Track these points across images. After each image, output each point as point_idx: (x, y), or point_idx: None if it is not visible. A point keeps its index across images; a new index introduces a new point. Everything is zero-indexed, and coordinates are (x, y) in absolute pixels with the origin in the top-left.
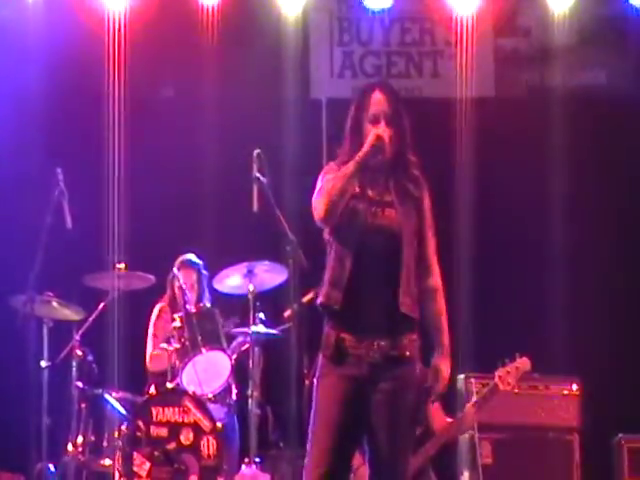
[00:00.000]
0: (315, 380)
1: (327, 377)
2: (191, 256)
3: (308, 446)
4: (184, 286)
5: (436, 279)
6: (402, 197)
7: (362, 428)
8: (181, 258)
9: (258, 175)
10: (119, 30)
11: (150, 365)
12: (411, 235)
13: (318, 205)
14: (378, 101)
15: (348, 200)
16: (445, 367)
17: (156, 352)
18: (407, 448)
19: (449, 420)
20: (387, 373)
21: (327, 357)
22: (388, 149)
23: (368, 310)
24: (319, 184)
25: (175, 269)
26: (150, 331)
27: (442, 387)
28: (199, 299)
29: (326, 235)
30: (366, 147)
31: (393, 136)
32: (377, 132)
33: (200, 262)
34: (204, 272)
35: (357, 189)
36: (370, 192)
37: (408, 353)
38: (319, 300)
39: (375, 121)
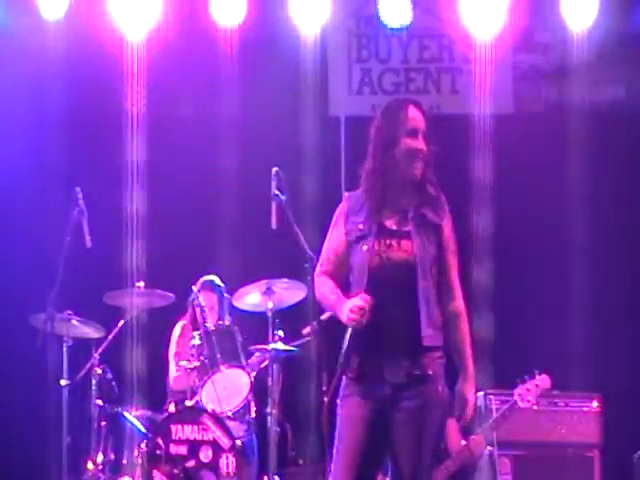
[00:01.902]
0: (339, 401)
1: (350, 398)
2: (213, 278)
3: (332, 466)
4: (203, 304)
5: (459, 304)
6: (420, 226)
7: (385, 448)
8: (203, 279)
9: (277, 192)
10: (138, 50)
11: (173, 384)
12: (428, 265)
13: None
14: (415, 117)
15: (361, 238)
16: (470, 393)
17: (179, 373)
18: (430, 467)
19: (463, 443)
20: (410, 392)
21: (350, 378)
22: (422, 171)
23: (393, 335)
24: (328, 236)
25: (195, 288)
26: (172, 349)
27: (469, 413)
28: (219, 319)
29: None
30: (346, 315)
31: (427, 154)
32: (356, 304)
33: (222, 285)
34: (226, 295)
35: (361, 227)
36: (387, 222)
37: (431, 372)
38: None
39: (414, 135)
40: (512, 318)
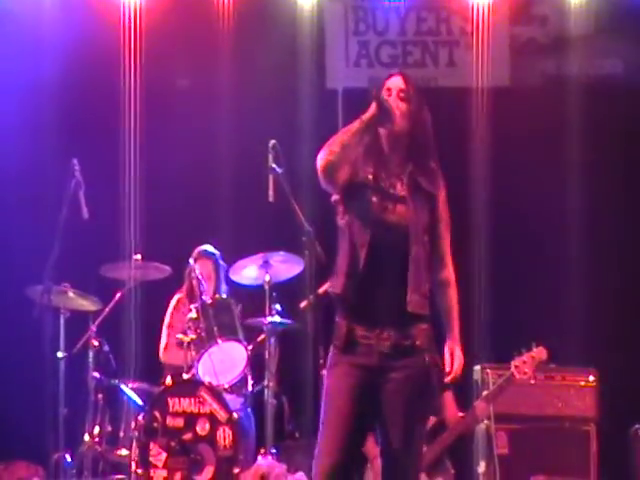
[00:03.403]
0: (325, 371)
1: (337, 367)
2: (208, 247)
3: (319, 436)
4: (200, 277)
5: (449, 272)
6: (414, 192)
7: (373, 418)
8: (198, 249)
9: (274, 166)
10: (135, 20)
11: (163, 357)
12: (421, 232)
13: (320, 158)
14: (394, 80)
15: (362, 188)
16: (458, 350)
17: (168, 345)
18: (420, 437)
19: (461, 414)
20: (397, 362)
21: (338, 347)
22: (399, 122)
23: (379, 303)
24: None
25: (192, 260)
26: (166, 321)
27: (459, 369)
28: (216, 289)
29: (339, 220)
30: (373, 108)
31: (406, 113)
32: (386, 97)
33: (217, 252)
34: (221, 263)
35: (371, 177)
36: (383, 184)
37: (418, 342)
38: (334, 290)
39: (388, 94)
40: (509, 291)
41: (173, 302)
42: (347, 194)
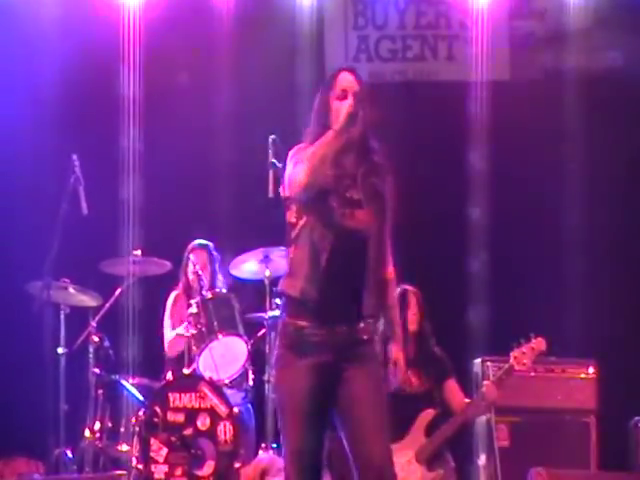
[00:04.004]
0: (275, 372)
1: (288, 369)
2: (200, 240)
3: (282, 442)
4: (200, 271)
5: (390, 270)
6: (369, 195)
7: (331, 413)
8: (191, 244)
9: (274, 160)
10: (134, 17)
11: (169, 351)
12: (377, 235)
13: (298, 173)
14: (346, 79)
15: (321, 191)
16: (401, 358)
17: (173, 336)
18: (385, 419)
19: (467, 400)
20: (348, 353)
21: (287, 346)
22: (360, 123)
23: (335, 304)
24: (291, 161)
25: (192, 256)
26: (166, 318)
27: (401, 372)
28: (212, 280)
29: (291, 218)
30: (342, 117)
31: (362, 115)
32: (350, 103)
33: (210, 243)
34: (215, 253)
35: (330, 180)
36: (341, 186)
37: (366, 336)
38: (292, 293)
39: (343, 96)
40: (509, 284)
41: (171, 299)
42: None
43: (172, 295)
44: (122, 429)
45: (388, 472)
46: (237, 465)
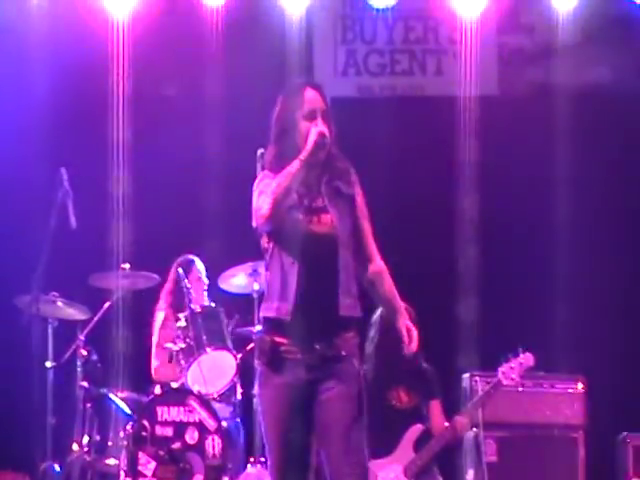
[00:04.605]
0: (257, 389)
1: (267, 387)
2: (187, 255)
3: (267, 457)
4: (188, 285)
5: (379, 262)
6: (335, 199)
7: (312, 429)
8: (183, 259)
9: None
10: (123, 29)
11: (155, 376)
12: (347, 235)
13: (262, 206)
14: (313, 98)
15: (288, 211)
16: (411, 326)
17: (158, 363)
18: (361, 440)
19: (446, 424)
20: (325, 372)
21: (264, 363)
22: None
23: (312, 314)
24: (256, 191)
25: (180, 270)
26: (154, 340)
27: (415, 339)
28: (199, 295)
29: (264, 244)
30: (310, 145)
31: (326, 134)
32: (320, 129)
33: (196, 258)
34: (201, 268)
35: (295, 198)
36: (305, 200)
37: (344, 352)
38: (269, 314)
39: (312, 117)
40: (498, 301)
41: (159, 320)
42: None
43: (160, 315)
44: (110, 443)
45: None
46: (225, 479)
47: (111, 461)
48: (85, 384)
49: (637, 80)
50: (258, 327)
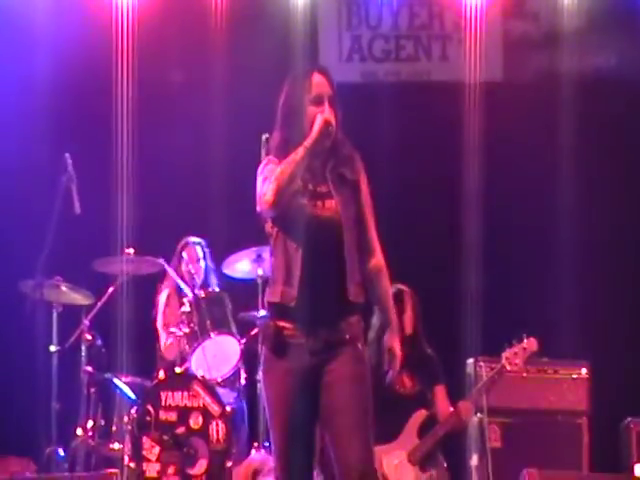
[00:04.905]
0: (261, 373)
1: (272, 372)
2: (192, 237)
3: (271, 442)
4: (192, 269)
5: (379, 259)
6: (339, 185)
7: (316, 414)
8: (183, 240)
9: None
10: (128, 15)
11: (166, 353)
12: (351, 222)
13: (266, 192)
14: (320, 83)
15: (293, 196)
16: (396, 343)
17: (170, 340)
18: (365, 422)
19: (450, 410)
20: (329, 355)
21: (269, 349)
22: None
23: (317, 300)
24: (261, 176)
25: (180, 251)
26: (159, 321)
27: (397, 364)
28: (205, 278)
29: (268, 229)
30: (315, 133)
31: (337, 120)
32: (325, 116)
33: (202, 240)
34: (207, 250)
35: (300, 184)
36: (310, 185)
37: (348, 336)
38: (274, 299)
39: (319, 102)
40: (502, 287)
41: (162, 300)
42: None
43: (164, 294)
44: (114, 428)
45: (368, 476)
46: (229, 464)
47: (115, 446)
48: (89, 369)
49: None
50: (262, 312)
